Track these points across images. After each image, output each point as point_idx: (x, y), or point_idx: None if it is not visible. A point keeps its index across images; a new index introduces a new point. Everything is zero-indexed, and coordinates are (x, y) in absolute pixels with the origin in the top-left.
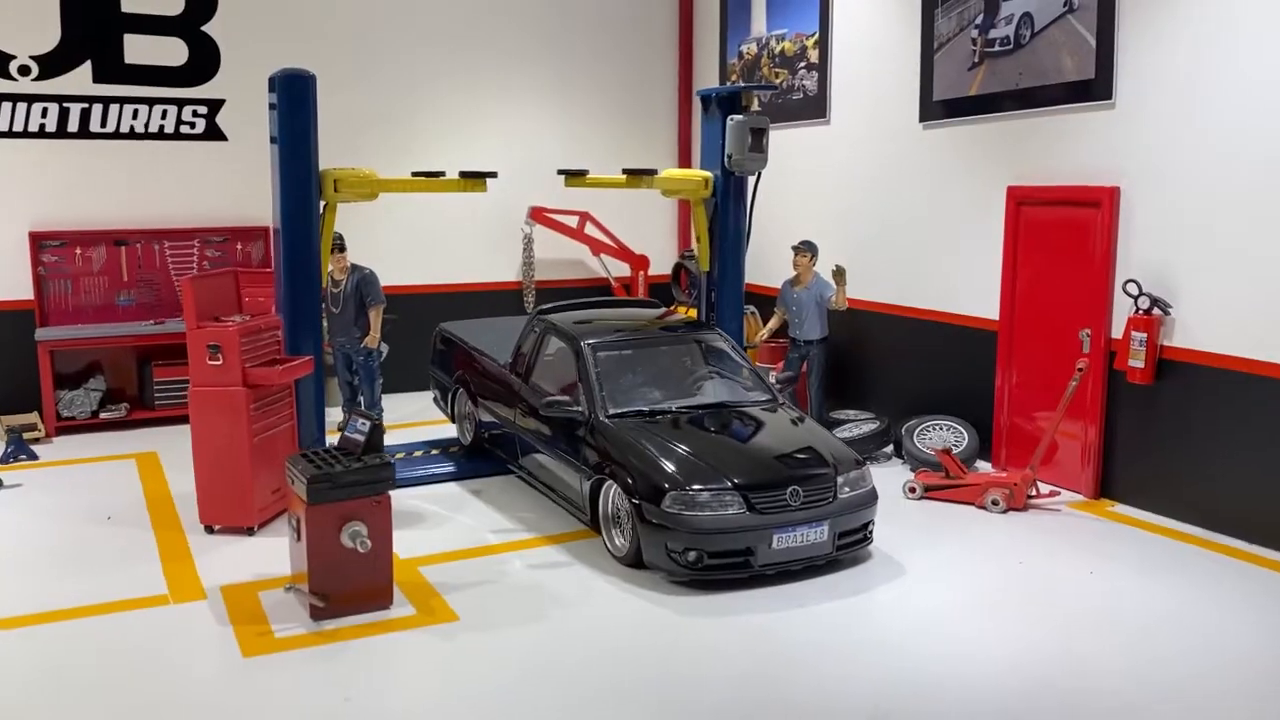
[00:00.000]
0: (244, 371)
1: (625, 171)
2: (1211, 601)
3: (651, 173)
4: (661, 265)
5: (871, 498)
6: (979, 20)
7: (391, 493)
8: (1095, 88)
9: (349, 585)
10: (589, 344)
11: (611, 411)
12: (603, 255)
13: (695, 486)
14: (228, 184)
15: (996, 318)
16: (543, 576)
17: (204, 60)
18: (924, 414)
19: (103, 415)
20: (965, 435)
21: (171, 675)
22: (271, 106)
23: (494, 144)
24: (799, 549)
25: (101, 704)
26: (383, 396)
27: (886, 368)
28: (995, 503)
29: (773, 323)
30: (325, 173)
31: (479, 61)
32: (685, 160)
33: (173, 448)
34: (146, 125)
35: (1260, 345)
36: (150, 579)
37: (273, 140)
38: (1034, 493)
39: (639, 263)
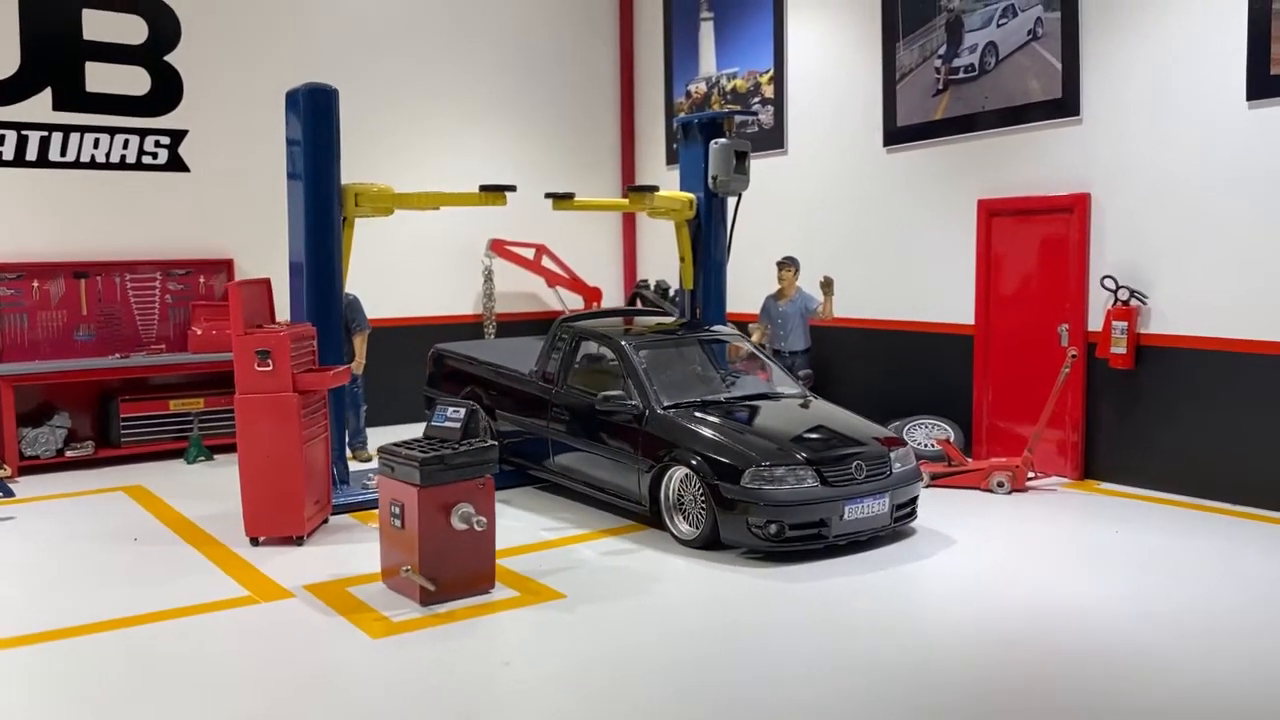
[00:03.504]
0: (294, 377)
1: (629, 189)
2: (1235, 548)
3: (654, 189)
4: (613, 297)
5: (917, 474)
6: (942, 51)
7: None
8: (1063, 106)
9: (456, 569)
10: (630, 343)
11: (666, 403)
12: (558, 287)
13: (771, 462)
14: (190, 216)
15: (972, 322)
16: (622, 561)
17: (167, 90)
18: (906, 415)
19: (69, 454)
20: (950, 431)
21: (312, 656)
22: (290, 142)
23: (444, 178)
24: (865, 520)
25: (262, 686)
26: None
27: (866, 376)
28: (1000, 484)
29: (755, 337)
30: (346, 187)
31: (433, 98)
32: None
33: (157, 481)
34: (108, 155)
35: (1230, 325)
36: (220, 585)
37: (291, 177)
38: (1032, 474)
39: (592, 294)
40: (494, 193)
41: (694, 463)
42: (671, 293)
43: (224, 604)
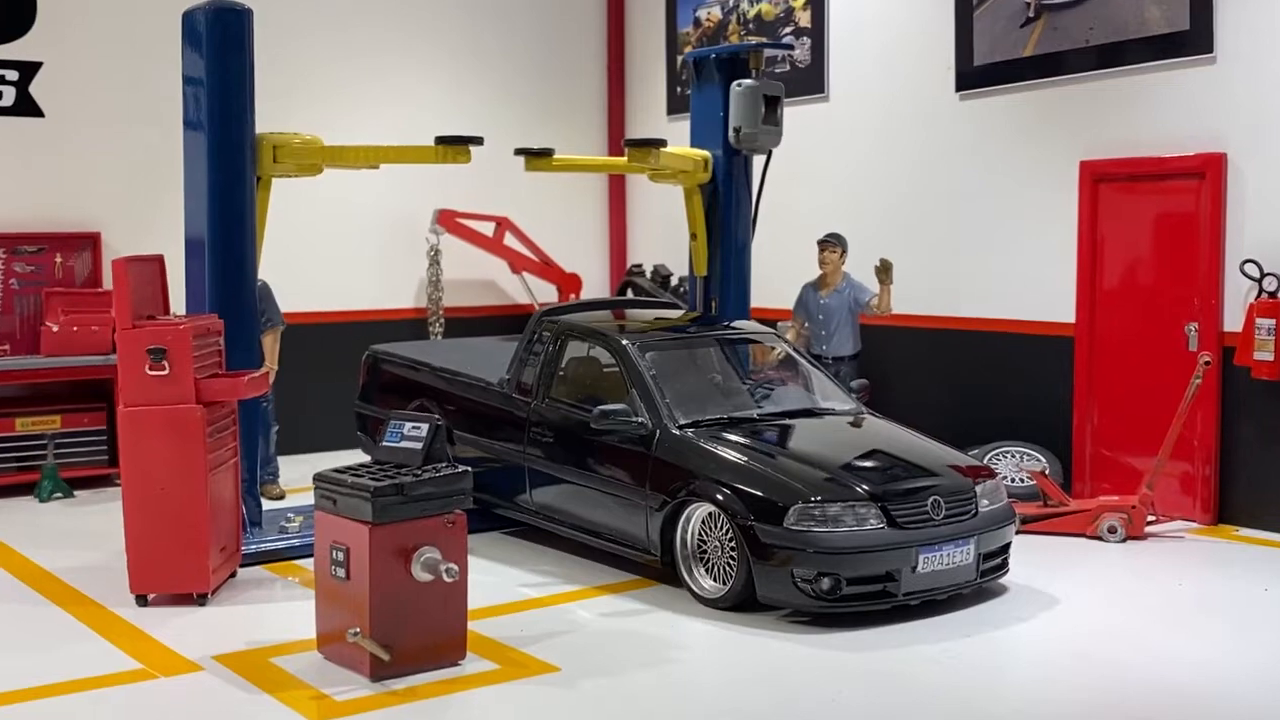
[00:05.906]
0: (197, 384)
1: (628, 143)
2: None
3: (659, 144)
4: (595, 285)
5: (1009, 514)
6: None
7: None
8: (1191, 41)
9: (418, 633)
10: (632, 343)
11: (682, 421)
12: (524, 273)
13: (824, 497)
14: (44, 175)
15: (1072, 320)
16: (628, 624)
17: (15, 9)
18: (986, 441)
19: None
20: (1045, 461)
21: None
22: (189, 80)
23: (379, 128)
24: (945, 573)
25: None
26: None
27: (932, 390)
28: (1113, 530)
29: (789, 336)
30: (262, 138)
31: (362, 26)
32: (615, 149)
33: (2, 524)
34: None
35: None
36: (104, 655)
37: (190, 125)
38: (1152, 517)
39: (569, 282)
40: (455, 146)
41: (721, 497)
42: (675, 281)
43: (111, 679)
